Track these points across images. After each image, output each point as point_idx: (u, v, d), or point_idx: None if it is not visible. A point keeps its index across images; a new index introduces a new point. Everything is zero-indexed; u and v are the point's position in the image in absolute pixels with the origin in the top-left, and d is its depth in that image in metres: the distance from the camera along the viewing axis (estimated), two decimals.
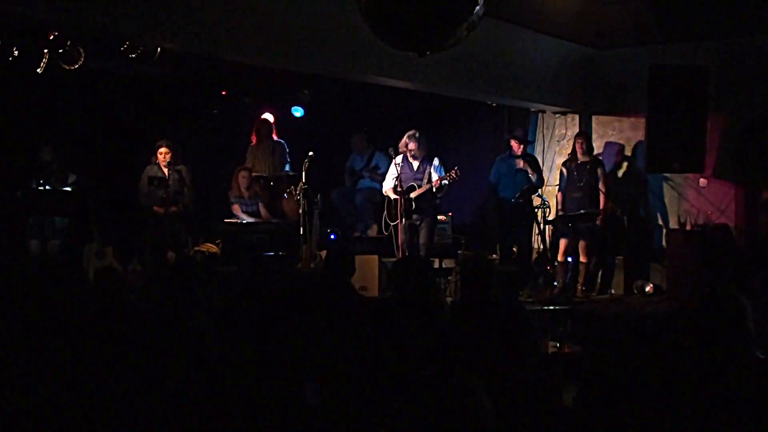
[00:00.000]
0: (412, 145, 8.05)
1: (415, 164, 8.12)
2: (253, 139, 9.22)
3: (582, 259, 8.35)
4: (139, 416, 2.32)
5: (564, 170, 8.58)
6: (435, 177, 8.01)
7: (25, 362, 2.96)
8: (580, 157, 8.45)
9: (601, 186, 8.42)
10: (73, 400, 2.68)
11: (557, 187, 8.78)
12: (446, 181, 7.88)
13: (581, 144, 8.49)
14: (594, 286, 8.64)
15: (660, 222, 9.19)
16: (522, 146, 8.72)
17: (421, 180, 8.05)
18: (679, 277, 7.94)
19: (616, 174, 9.38)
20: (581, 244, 8.32)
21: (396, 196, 7.99)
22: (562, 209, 8.47)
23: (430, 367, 1.93)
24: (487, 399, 1.85)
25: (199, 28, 6.03)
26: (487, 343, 3.74)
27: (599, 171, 8.51)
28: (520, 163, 8.52)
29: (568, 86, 9.35)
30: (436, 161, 8.12)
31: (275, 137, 9.24)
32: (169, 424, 2.28)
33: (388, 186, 8.23)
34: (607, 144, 9.52)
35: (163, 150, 8.14)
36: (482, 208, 9.76)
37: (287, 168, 9.17)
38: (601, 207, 8.39)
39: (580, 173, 8.40)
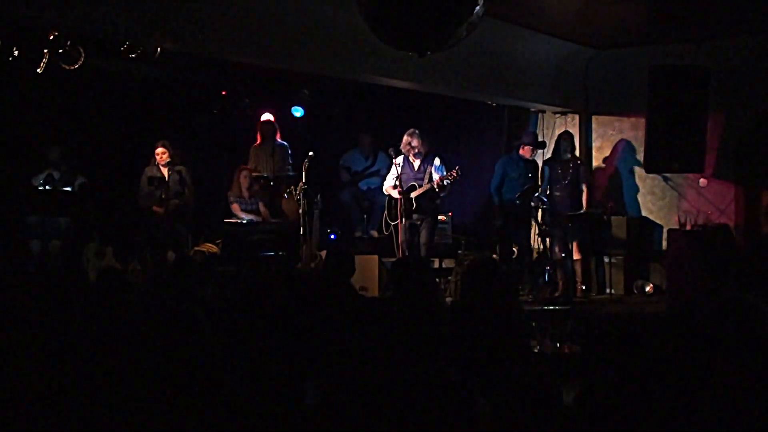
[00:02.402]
0: (415, 142, 8.02)
1: (416, 164, 8.11)
2: (258, 139, 9.20)
3: (576, 256, 8.36)
4: (140, 416, 2.32)
5: (547, 169, 8.58)
6: (436, 177, 7.99)
7: (26, 362, 2.96)
8: (563, 156, 8.47)
9: (583, 185, 8.45)
10: (73, 400, 2.68)
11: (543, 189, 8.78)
12: (448, 181, 7.86)
13: (565, 142, 8.51)
14: (592, 286, 8.64)
15: (657, 221, 9.21)
16: (534, 151, 8.67)
17: (422, 180, 8.04)
18: (679, 277, 7.93)
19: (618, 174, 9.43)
20: (574, 244, 8.34)
21: (398, 195, 7.98)
22: (551, 209, 8.47)
23: (429, 367, 1.93)
24: (484, 399, 1.85)
25: (199, 28, 6.03)
26: (487, 344, 3.74)
27: (581, 169, 8.53)
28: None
29: (568, 86, 9.35)
30: (437, 161, 8.10)
31: (279, 139, 9.22)
32: (169, 424, 2.28)
33: (388, 185, 8.23)
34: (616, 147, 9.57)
35: (159, 150, 8.14)
36: (483, 208, 9.75)
37: (290, 170, 9.13)
38: (584, 205, 8.42)
39: (563, 172, 8.42)
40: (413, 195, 7.98)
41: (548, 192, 8.46)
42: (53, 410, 2.65)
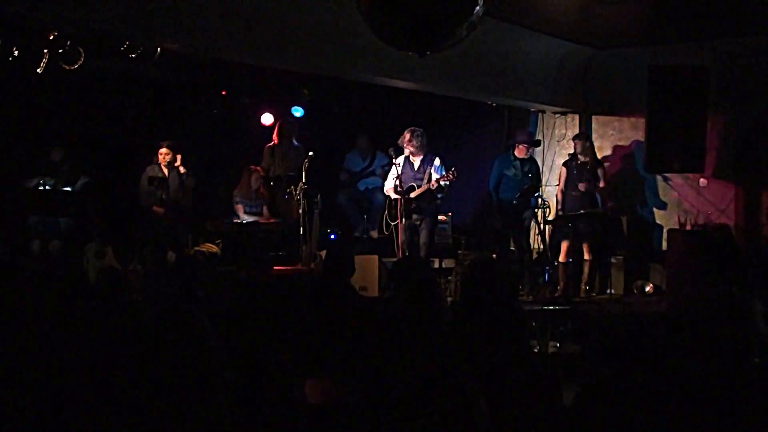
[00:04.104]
0: (411, 141, 8.02)
1: (416, 164, 8.11)
2: (275, 139, 9.16)
3: (586, 257, 8.34)
4: (139, 416, 2.32)
5: (564, 169, 8.57)
6: (435, 177, 8.00)
7: (25, 362, 2.96)
8: (581, 157, 8.45)
9: (600, 186, 8.44)
10: (73, 400, 2.68)
11: (558, 187, 8.75)
12: (445, 182, 7.86)
13: (580, 144, 8.50)
14: (594, 286, 8.64)
15: (657, 221, 9.21)
16: (529, 150, 8.66)
17: (422, 180, 8.04)
18: (679, 277, 7.93)
19: (620, 174, 9.41)
20: (585, 244, 8.32)
21: (397, 196, 7.99)
22: (562, 209, 8.47)
23: (429, 367, 1.94)
24: (483, 400, 1.85)
25: (199, 28, 6.04)
26: (487, 344, 3.74)
27: (599, 171, 8.52)
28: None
29: (568, 86, 9.35)
30: (437, 161, 8.10)
31: (295, 141, 9.20)
32: (168, 425, 2.28)
33: (388, 186, 8.23)
34: (616, 147, 9.54)
35: (164, 150, 8.18)
36: (483, 208, 9.75)
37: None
38: (599, 206, 8.41)
39: (580, 173, 8.40)
40: (412, 195, 7.99)
41: (564, 192, 8.46)
42: (53, 411, 2.66)
